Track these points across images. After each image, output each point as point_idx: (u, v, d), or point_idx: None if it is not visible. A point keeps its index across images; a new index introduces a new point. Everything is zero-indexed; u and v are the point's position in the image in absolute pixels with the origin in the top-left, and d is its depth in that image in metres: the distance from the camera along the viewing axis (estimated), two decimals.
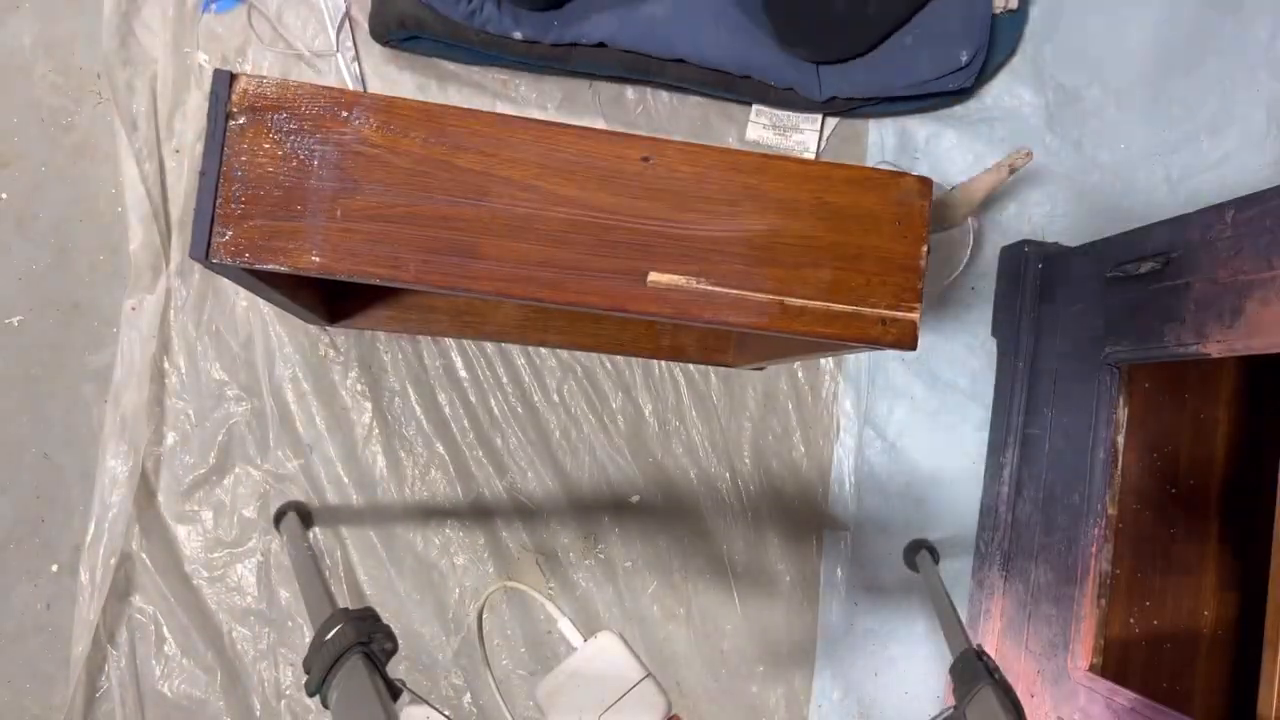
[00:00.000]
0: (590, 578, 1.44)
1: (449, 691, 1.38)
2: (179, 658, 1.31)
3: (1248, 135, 1.49)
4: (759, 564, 1.49)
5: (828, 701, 1.49)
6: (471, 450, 1.41)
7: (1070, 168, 1.54)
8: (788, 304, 0.86)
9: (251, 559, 1.34)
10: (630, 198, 0.84)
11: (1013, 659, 1.36)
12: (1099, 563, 1.21)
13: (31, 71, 1.32)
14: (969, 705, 0.91)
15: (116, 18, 1.32)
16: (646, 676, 0.90)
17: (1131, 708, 1.08)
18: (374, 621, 0.86)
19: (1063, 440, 1.33)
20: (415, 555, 1.39)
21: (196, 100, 1.33)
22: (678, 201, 0.85)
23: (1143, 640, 1.29)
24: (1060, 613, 1.26)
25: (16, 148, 1.31)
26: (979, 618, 1.47)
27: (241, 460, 1.35)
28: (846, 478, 1.51)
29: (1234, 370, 1.37)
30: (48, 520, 1.30)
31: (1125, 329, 1.21)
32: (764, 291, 0.86)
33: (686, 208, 0.85)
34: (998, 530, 1.45)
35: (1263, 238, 1.01)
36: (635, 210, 0.84)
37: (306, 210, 0.79)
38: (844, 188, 0.87)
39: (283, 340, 1.36)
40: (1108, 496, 1.22)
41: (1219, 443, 1.36)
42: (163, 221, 1.33)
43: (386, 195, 0.81)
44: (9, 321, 1.30)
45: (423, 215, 0.81)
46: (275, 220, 0.79)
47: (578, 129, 0.83)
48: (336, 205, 0.80)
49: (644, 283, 0.84)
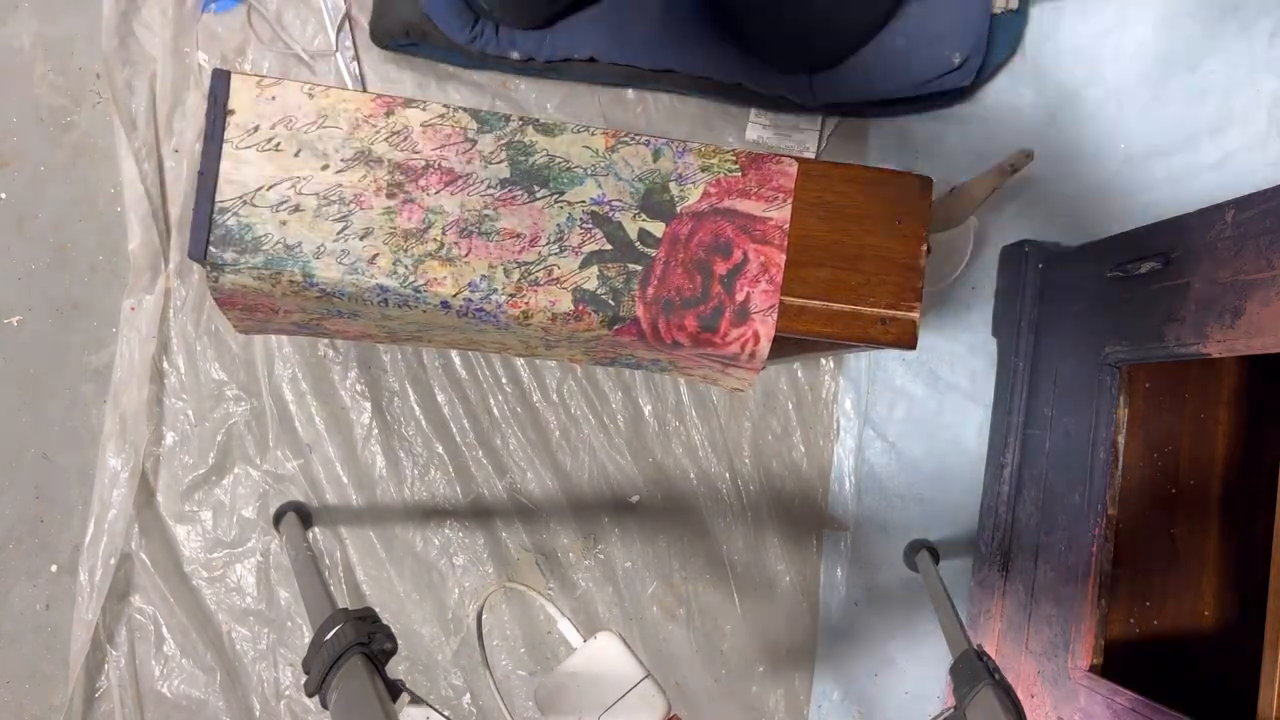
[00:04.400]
0: (590, 578, 1.44)
1: (448, 692, 1.38)
2: (178, 658, 1.31)
3: (1248, 135, 1.49)
4: (759, 564, 1.49)
5: (828, 702, 1.49)
6: (471, 450, 1.41)
7: (1070, 168, 1.54)
8: (787, 303, 0.86)
9: (251, 559, 1.34)
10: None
11: (1013, 659, 1.35)
12: (1099, 563, 1.21)
13: (31, 71, 1.32)
14: (969, 705, 0.91)
15: (116, 17, 1.32)
16: (646, 677, 0.90)
17: (1131, 708, 1.08)
18: (373, 622, 0.86)
19: (1063, 440, 1.32)
20: (415, 555, 1.39)
21: (196, 100, 1.33)
22: None
23: (1143, 640, 1.29)
24: (1060, 613, 1.26)
25: (16, 147, 1.31)
26: (979, 618, 1.47)
27: (241, 460, 1.35)
28: (846, 478, 1.51)
29: (1234, 370, 1.37)
30: (47, 520, 1.30)
31: (1125, 329, 1.21)
32: None
33: None
34: (998, 530, 1.45)
35: (1263, 238, 1.01)
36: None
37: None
38: (843, 187, 0.87)
39: (282, 340, 1.36)
40: (1108, 496, 1.22)
41: (1219, 443, 1.35)
42: (162, 221, 1.33)
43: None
44: (8, 321, 1.30)
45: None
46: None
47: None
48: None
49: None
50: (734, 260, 0.85)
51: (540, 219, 0.83)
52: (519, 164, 0.83)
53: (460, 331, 0.91)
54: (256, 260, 0.78)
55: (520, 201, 0.83)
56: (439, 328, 0.90)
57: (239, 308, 0.85)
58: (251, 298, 0.82)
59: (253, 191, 0.79)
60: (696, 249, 0.85)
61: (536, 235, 0.83)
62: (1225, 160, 1.50)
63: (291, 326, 0.91)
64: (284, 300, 0.83)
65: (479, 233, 0.82)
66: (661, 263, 0.84)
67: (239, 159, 0.79)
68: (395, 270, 0.80)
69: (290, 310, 0.84)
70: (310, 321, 0.89)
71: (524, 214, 0.83)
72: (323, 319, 0.88)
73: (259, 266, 0.78)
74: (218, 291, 0.81)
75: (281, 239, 0.79)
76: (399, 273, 0.80)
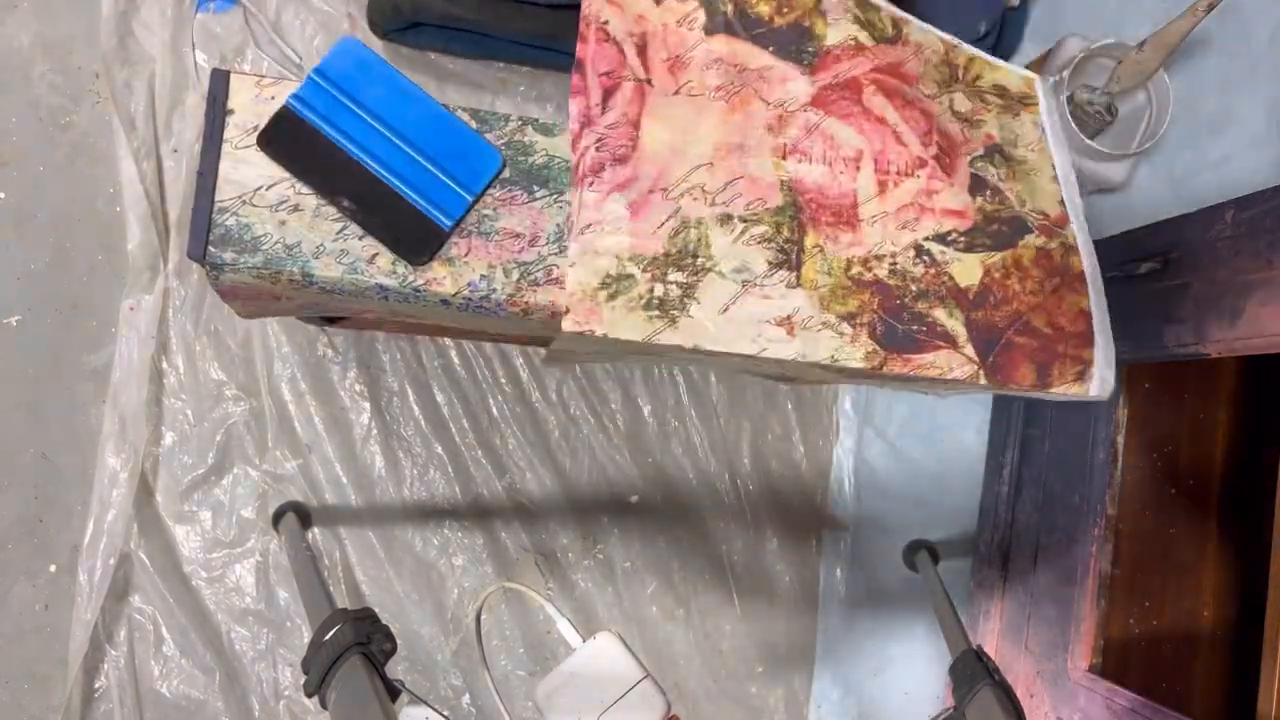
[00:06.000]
0: (589, 578, 1.44)
1: (448, 692, 1.38)
2: (177, 658, 1.30)
3: (1248, 135, 1.49)
4: (758, 564, 1.49)
5: (827, 702, 1.49)
6: (470, 450, 1.40)
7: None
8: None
9: (250, 559, 1.34)
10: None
11: (1012, 659, 1.35)
12: (1099, 563, 1.21)
13: (30, 71, 1.32)
14: (969, 705, 0.91)
15: (115, 17, 1.32)
16: (645, 677, 0.90)
17: (1131, 708, 1.08)
18: (373, 622, 0.86)
19: (1063, 440, 1.32)
20: (414, 556, 1.39)
21: (195, 100, 1.33)
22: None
23: (1142, 640, 1.29)
24: (1060, 613, 1.26)
25: (15, 147, 1.31)
26: (979, 618, 1.47)
27: (240, 460, 1.35)
28: (846, 478, 1.51)
29: (1234, 370, 1.37)
30: (46, 520, 1.30)
31: (1125, 329, 1.21)
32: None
33: None
34: (998, 530, 1.45)
35: (1263, 238, 1.01)
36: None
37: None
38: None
39: (281, 340, 1.36)
40: (1108, 496, 1.22)
41: (1219, 443, 1.35)
42: (161, 221, 1.33)
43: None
44: (7, 321, 1.30)
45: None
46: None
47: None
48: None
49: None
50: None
51: (540, 219, 0.83)
52: (518, 164, 0.83)
53: (464, 324, 0.91)
54: (256, 260, 0.78)
55: (520, 201, 0.83)
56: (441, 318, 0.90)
57: (241, 299, 0.85)
58: (252, 292, 0.83)
59: (252, 191, 0.79)
60: None
61: (536, 235, 0.82)
62: (1225, 160, 1.50)
63: (296, 309, 0.91)
64: (286, 293, 0.83)
65: (478, 232, 0.82)
66: None
67: (238, 159, 0.79)
68: (395, 270, 0.80)
69: (293, 297, 0.84)
70: (314, 304, 0.89)
71: (524, 214, 0.83)
72: (328, 303, 0.88)
73: (258, 266, 0.78)
74: (218, 286, 0.81)
75: (281, 238, 0.79)
76: (398, 272, 0.80)
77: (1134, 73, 1.38)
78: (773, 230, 0.83)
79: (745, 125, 0.84)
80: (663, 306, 0.80)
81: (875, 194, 0.85)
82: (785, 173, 0.84)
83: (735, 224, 0.82)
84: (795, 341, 0.81)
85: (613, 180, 0.81)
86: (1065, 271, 0.88)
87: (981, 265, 0.86)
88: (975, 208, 0.87)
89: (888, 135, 0.87)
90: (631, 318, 0.79)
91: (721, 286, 0.81)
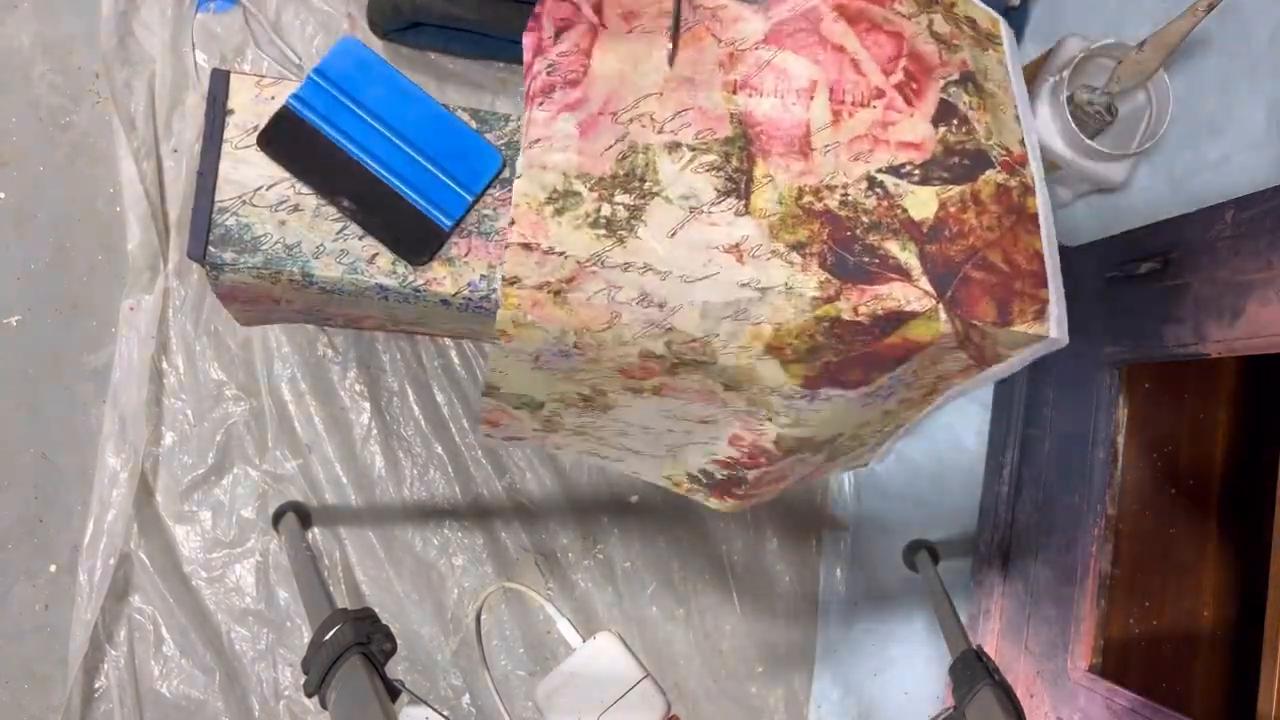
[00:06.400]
0: (589, 578, 1.43)
1: (448, 692, 1.38)
2: (177, 658, 1.30)
3: (1248, 135, 1.48)
4: (758, 564, 1.49)
5: (827, 702, 1.49)
6: (470, 450, 1.40)
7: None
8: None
9: (250, 559, 1.34)
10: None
11: (1012, 659, 1.35)
12: (1099, 563, 1.21)
13: (30, 71, 1.32)
14: (969, 705, 0.91)
15: (115, 17, 1.32)
16: (645, 677, 0.90)
17: (1131, 708, 1.08)
18: (373, 622, 0.86)
19: (1063, 440, 1.32)
20: (414, 556, 1.39)
21: (195, 100, 1.33)
22: None
23: (1142, 640, 1.29)
24: (1060, 613, 1.26)
25: (15, 147, 1.31)
26: (979, 618, 1.47)
27: (240, 460, 1.35)
28: (846, 478, 1.51)
29: (1234, 370, 1.37)
30: (46, 520, 1.30)
31: (1125, 329, 1.21)
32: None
33: None
34: (998, 530, 1.45)
35: (1262, 238, 1.01)
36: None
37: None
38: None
39: (281, 340, 1.36)
40: (1108, 496, 1.22)
41: (1219, 443, 1.35)
42: (161, 221, 1.33)
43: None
44: (7, 321, 1.30)
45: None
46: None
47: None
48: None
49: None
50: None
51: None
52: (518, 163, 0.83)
53: (463, 324, 0.91)
54: (256, 260, 0.78)
55: None
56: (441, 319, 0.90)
57: (240, 301, 0.85)
58: (252, 293, 0.82)
59: (252, 191, 0.79)
60: None
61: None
62: (1225, 160, 1.50)
63: (295, 315, 0.91)
64: (285, 294, 0.83)
65: (479, 232, 0.82)
66: None
67: (238, 159, 0.79)
68: (395, 270, 0.80)
69: (293, 300, 0.84)
70: (314, 309, 0.89)
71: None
72: (326, 306, 0.88)
73: (258, 266, 0.78)
74: (218, 288, 0.81)
75: (281, 238, 0.79)
76: (398, 272, 0.80)
77: (1134, 73, 1.38)
78: (721, 159, 0.82)
79: (697, 60, 0.84)
80: (610, 226, 0.79)
81: (829, 123, 0.84)
82: (735, 106, 0.84)
83: (683, 151, 0.82)
84: (746, 268, 0.80)
85: (562, 100, 0.81)
86: (1021, 211, 0.86)
87: (937, 199, 0.84)
88: (936, 138, 0.86)
89: (845, 64, 0.86)
90: (578, 234, 0.78)
91: (668, 211, 0.80)
